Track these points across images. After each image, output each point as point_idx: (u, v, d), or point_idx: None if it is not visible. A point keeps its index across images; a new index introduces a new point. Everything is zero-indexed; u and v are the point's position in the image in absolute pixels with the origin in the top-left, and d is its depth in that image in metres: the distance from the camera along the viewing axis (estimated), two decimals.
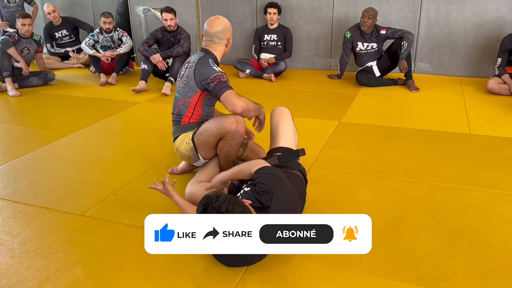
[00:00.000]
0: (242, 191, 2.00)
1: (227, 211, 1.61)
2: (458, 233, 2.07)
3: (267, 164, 2.00)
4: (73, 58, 6.07)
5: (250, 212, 1.71)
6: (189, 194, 2.27)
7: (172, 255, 1.93)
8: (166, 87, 4.62)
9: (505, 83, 4.31)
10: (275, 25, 5.33)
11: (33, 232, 2.15)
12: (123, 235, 2.11)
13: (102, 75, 5.19)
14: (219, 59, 2.44)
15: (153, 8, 5.63)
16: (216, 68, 2.31)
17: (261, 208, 1.81)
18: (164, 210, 2.19)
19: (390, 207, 2.31)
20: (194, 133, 2.39)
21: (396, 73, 4.84)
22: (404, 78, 4.70)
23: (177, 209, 2.12)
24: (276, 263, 1.86)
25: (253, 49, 5.45)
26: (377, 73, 4.83)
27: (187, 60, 2.51)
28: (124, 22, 5.98)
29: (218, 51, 2.43)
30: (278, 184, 1.86)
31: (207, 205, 1.65)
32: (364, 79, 4.76)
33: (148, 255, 1.93)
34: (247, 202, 1.78)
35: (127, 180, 2.67)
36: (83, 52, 6.05)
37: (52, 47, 6.05)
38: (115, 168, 2.88)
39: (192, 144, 2.39)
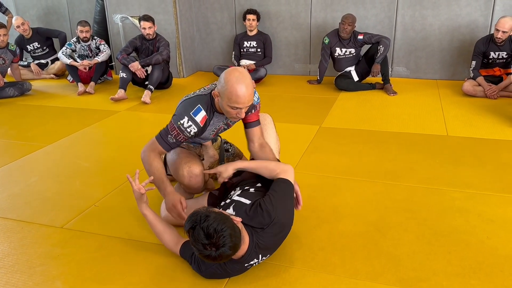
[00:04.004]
0: (234, 196, 1.94)
1: (215, 232, 1.52)
2: (438, 233, 2.10)
3: (293, 177, 1.97)
4: (35, 72, 5.76)
5: (239, 235, 1.62)
6: (165, 216, 2.18)
7: (153, 266, 1.91)
8: (146, 95, 4.59)
9: (480, 85, 4.42)
10: (255, 32, 5.35)
11: (10, 247, 2.10)
12: (103, 247, 2.07)
13: (80, 84, 5.12)
14: (216, 106, 2.03)
15: (131, 16, 5.59)
16: (183, 120, 1.97)
17: (252, 227, 1.75)
18: (144, 222, 2.16)
19: (371, 210, 2.34)
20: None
21: (374, 77, 4.91)
22: (382, 82, 4.77)
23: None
24: (260, 269, 1.86)
25: (233, 55, 5.45)
26: (356, 77, 4.89)
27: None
28: (102, 30, 5.92)
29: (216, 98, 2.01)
30: (280, 212, 1.81)
31: (195, 224, 1.55)
32: (343, 84, 4.82)
33: (130, 267, 1.91)
34: (237, 219, 1.68)
35: (107, 191, 2.63)
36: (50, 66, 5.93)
37: (21, 59, 5.81)
38: (94, 179, 2.84)
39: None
